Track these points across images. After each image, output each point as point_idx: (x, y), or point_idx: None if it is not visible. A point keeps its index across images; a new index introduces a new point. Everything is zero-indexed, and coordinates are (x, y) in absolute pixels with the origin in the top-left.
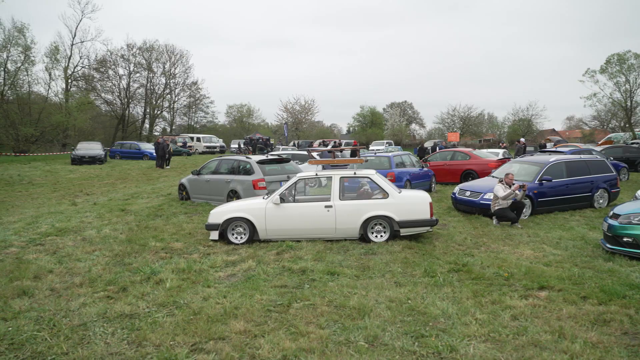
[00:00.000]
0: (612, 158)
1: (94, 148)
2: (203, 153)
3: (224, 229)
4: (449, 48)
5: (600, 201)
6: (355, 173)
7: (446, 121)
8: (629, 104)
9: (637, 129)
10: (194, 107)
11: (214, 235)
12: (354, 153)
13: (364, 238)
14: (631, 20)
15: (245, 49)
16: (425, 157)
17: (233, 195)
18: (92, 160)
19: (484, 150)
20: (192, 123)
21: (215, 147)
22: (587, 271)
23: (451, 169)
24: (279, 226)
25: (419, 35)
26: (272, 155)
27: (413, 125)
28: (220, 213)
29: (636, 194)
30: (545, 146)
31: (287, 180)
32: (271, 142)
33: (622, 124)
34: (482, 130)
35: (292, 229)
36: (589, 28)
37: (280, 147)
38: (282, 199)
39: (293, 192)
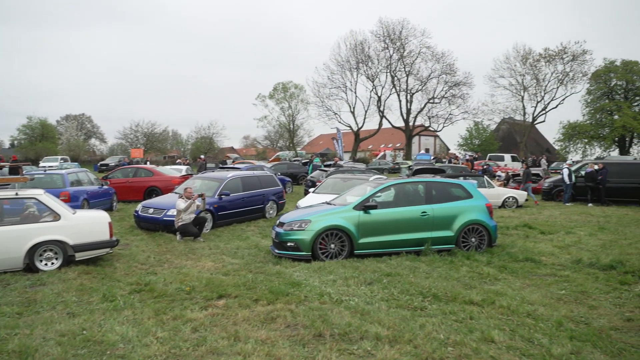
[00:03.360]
0: (279, 173)
1: None
2: None
3: None
4: (126, 61)
5: (271, 212)
6: (17, 194)
7: (129, 137)
8: (292, 126)
9: (299, 148)
10: None
11: None
12: (14, 170)
13: (30, 268)
14: (287, 53)
15: None
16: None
17: None
18: None
19: (168, 167)
20: None
21: None
22: (259, 276)
23: (134, 186)
24: None
25: (90, 43)
26: None
27: (93, 140)
28: None
29: (297, 204)
30: (226, 162)
31: None
32: None
33: (287, 144)
34: (166, 146)
35: None
36: (260, 57)
37: None
38: None
39: None
